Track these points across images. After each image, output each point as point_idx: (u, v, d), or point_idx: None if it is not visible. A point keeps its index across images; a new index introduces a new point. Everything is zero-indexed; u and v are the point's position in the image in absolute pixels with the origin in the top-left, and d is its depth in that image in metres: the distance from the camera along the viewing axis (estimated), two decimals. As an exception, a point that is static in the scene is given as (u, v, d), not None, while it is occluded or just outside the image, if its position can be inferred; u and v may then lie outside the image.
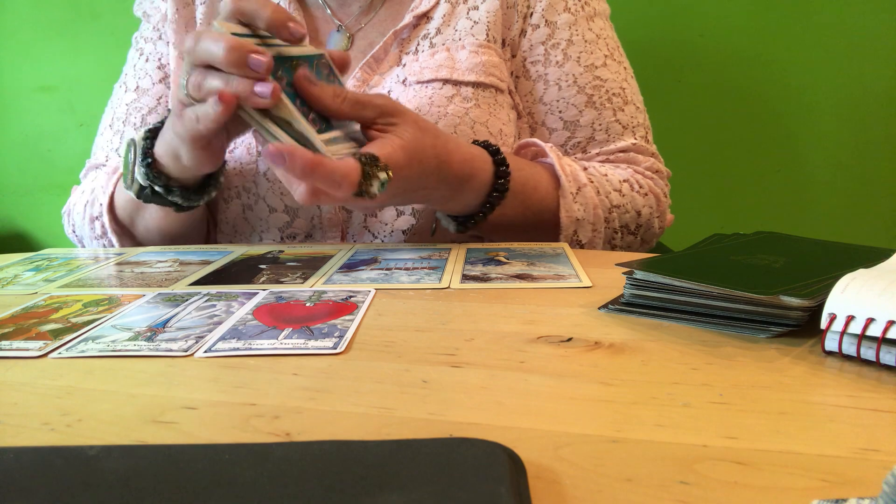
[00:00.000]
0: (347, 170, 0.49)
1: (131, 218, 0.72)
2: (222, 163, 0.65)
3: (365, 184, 0.50)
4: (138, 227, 0.72)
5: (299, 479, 0.24)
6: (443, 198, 0.62)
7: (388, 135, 0.54)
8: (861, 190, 1.23)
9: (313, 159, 0.48)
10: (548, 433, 0.28)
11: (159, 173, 0.62)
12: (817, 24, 1.18)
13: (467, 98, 0.71)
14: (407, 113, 0.56)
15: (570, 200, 0.67)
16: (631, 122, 0.76)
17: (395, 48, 0.73)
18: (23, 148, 1.63)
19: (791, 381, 0.33)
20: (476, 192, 0.63)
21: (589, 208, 0.68)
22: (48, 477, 0.25)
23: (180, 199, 0.64)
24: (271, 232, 0.73)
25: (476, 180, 0.62)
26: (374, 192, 0.50)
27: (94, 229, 0.75)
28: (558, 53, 0.75)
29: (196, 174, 0.63)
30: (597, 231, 0.68)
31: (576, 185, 0.68)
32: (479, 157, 0.63)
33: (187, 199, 0.64)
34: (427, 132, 0.57)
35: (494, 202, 0.64)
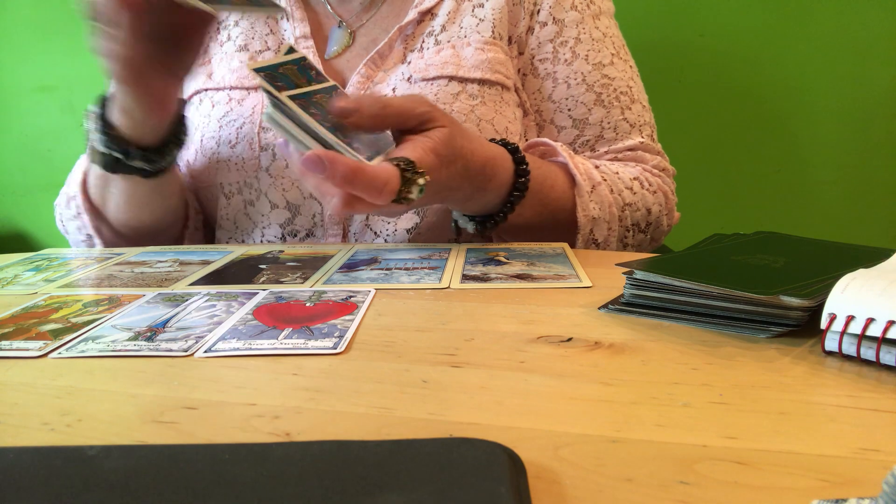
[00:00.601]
0: (388, 176, 0.48)
1: (102, 197, 0.72)
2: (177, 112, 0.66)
3: (404, 190, 0.49)
4: (109, 205, 0.72)
5: (299, 479, 0.24)
6: (464, 197, 0.61)
7: (420, 136, 0.54)
8: (861, 190, 1.23)
9: (355, 165, 0.47)
10: (548, 433, 0.28)
11: (116, 137, 0.62)
12: (818, 24, 1.18)
13: (473, 95, 0.70)
14: (443, 115, 0.56)
15: (586, 199, 0.67)
16: (638, 120, 0.76)
17: (400, 45, 0.73)
18: (23, 148, 1.63)
19: (791, 381, 0.33)
20: (497, 192, 0.62)
21: (604, 206, 0.67)
22: (48, 477, 0.25)
23: (142, 162, 0.64)
24: (272, 228, 0.73)
25: (497, 179, 0.62)
26: (412, 198, 0.49)
27: (70, 208, 0.75)
28: (567, 51, 0.75)
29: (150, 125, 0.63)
30: (612, 230, 0.68)
31: (590, 183, 0.67)
32: (500, 157, 0.62)
33: (150, 162, 0.64)
34: (456, 134, 0.56)
35: (515, 202, 0.63)
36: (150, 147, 0.65)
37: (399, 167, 0.49)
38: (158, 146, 0.65)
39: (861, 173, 1.22)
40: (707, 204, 1.27)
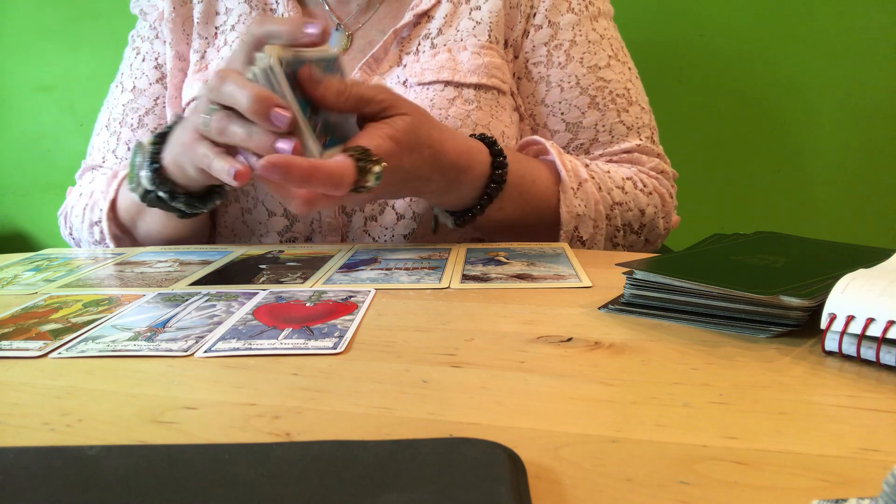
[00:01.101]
0: (343, 168, 0.49)
1: (133, 220, 0.71)
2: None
3: (360, 179, 0.50)
4: (139, 229, 0.72)
5: (299, 479, 0.24)
6: (438, 189, 0.61)
7: (378, 123, 0.54)
8: (861, 190, 1.23)
9: (311, 165, 0.48)
10: (548, 433, 0.28)
11: (165, 180, 0.61)
12: (817, 24, 1.18)
13: (469, 100, 0.70)
14: (405, 103, 0.56)
15: (570, 195, 0.66)
16: (636, 122, 0.75)
17: (395, 48, 0.73)
18: (23, 148, 1.63)
19: (791, 381, 0.33)
20: (473, 185, 0.62)
21: (590, 204, 0.67)
22: (48, 477, 0.25)
23: (184, 207, 0.63)
24: (270, 236, 0.73)
25: (473, 172, 0.61)
26: (370, 186, 0.50)
27: (93, 234, 0.75)
28: (561, 54, 0.74)
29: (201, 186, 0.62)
30: (598, 228, 0.68)
31: (577, 180, 0.67)
32: (475, 149, 0.62)
33: (191, 207, 0.63)
34: (422, 122, 0.56)
35: (492, 194, 0.63)
36: (195, 194, 0.64)
37: (353, 157, 0.49)
38: (202, 195, 0.64)
39: (861, 173, 1.22)
40: (707, 204, 1.27)
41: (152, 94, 0.79)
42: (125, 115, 0.79)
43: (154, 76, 0.79)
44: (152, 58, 0.80)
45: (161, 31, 0.80)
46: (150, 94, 0.79)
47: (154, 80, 0.79)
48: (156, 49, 0.80)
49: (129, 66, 0.82)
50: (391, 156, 0.53)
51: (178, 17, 0.78)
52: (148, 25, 0.81)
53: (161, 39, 0.80)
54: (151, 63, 0.80)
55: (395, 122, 0.54)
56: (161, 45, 0.80)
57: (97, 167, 0.81)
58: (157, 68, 0.80)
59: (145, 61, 0.80)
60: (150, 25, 0.81)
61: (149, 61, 0.80)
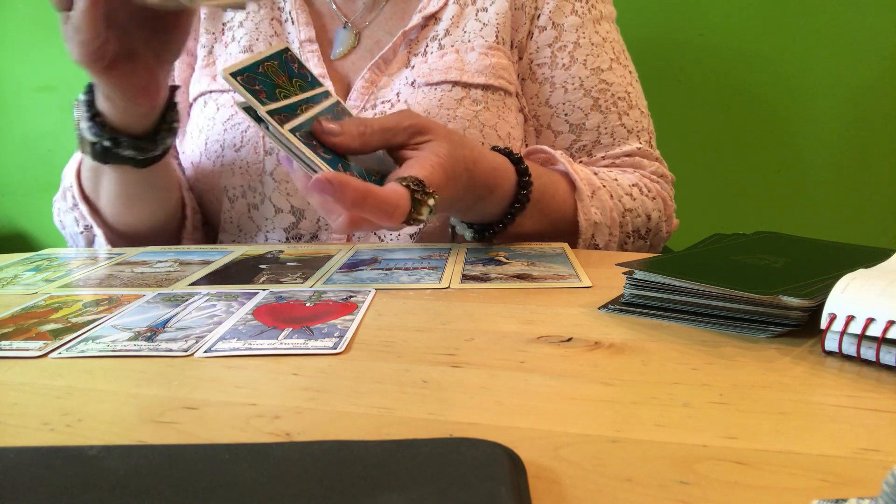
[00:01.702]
0: (398, 199, 0.47)
1: (95, 191, 0.71)
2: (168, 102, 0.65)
3: (414, 211, 0.47)
4: (102, 199, 0.71)
5: (299, 479, 0.24)
6: (465, 207, 0.60)
7: (425, 153, 0.52)
8: (861, 190, 1.23)
9: (364, 189, 0.46)
10: (548, 433, 0.28)
11: (104, 125, 0.62)
12: (817, 24, 1.18)
13: (477, 101, 0.70)
14: (436, 127, 0.54)
15: (587, 203, 0.66)
16: (636, 126, 0.75)
17: (404, 49, 0.73)
18: (23, 148, 1.63)
19: (791, 381, 0.33)
20: (498, 203, 0.61)
21: (605, 211, 0.67)
22: (48, 477, 0.25)
23: (132, 151, 0.63)
24: (276, 232, 0.73)
25: (500, 191, 0.60)
26: (422, 220, 0.48)
27: (67, 200, 0.74)
28: (565, 56, 0.74)
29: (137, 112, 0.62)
30: (612, 235, 0.68)
31: (591, 188, 0.67)
32: (502, 168, 0.61)
33: (140, 150, 0.63)
34: (458, 145, 0.55)
35: (515, 213, 0.62)
36: (141, 135, 0.64)
37: (409, 188, 0.48)
38: (149, 134, 0.64)
39: (861, 173, 1.22)
40: (707, 204, 1.27)
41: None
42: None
43: None
44: None
45: None
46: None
47: None
48: None
49: None
50: (441, 186, 0.51)
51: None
52: None
53: None
54: None
55: (440, 150, 0.52)
56: None
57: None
58: None
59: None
60: None
61: None
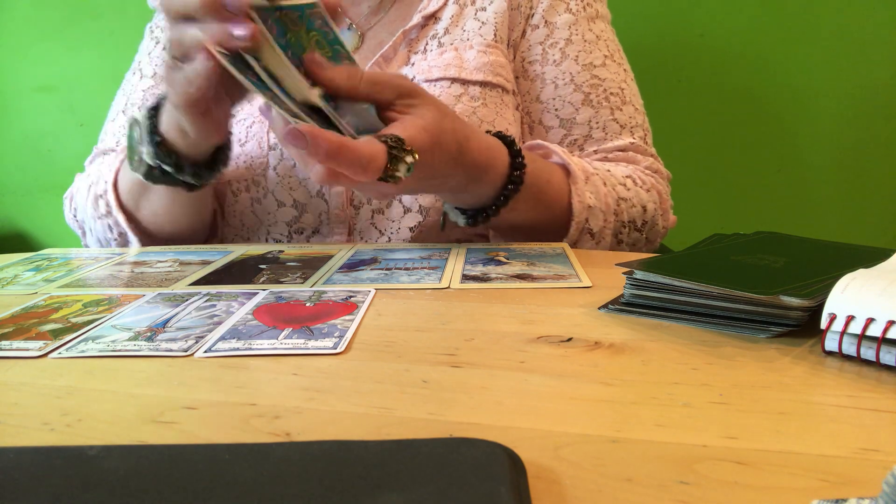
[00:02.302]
0: (373, 153, 0.46)
1: (136, 203, 0.70)
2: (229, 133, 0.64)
3: (391, 167, 0.47)
4: (143, 211, 0.71)
5: (299, 479, 0.24)
6: (458, 186, 0.60)
7: (410, 115, 0.52)
8: (861, 190, 1.23)
9: (338, 141, 0.45)
10: (548, 433, 0.28)
11: (168, 152, 0.60)
12: (817, 24, 1.18)
13: (475, 97, 0.71)
14: (425, 94, 0.54)
15: (581, 186, 0.66)
16: (629, 122, 0.76)
17: (404, 47, 0.74)
18: (23, 148, 1.63)
19: (791, 381, 0.33)
20: (491, 184, 0.61)
21: (600, 196, 0.67)
22: (48, 477, 0.25)
23: (191, 177, 0.62)
24: (279, 226, 0.73)
25: (493, 171, 0.60)
26: (399, 176, 0.47)
27: (98, 208, 0.74)
28: (556, 52, 0.75)
29: (205, 146, 0.61)
30: (607, 221, 0.68)
31: (584, 174, 0.67)
32: (495, 148, 0.61)
33: (198, 177, 0.62)
34: (447, 115, 0.55)
35: (509, 195, 0.61)
36: (200, 162, 0.63)
37: (387, 143, 0.47)
38: (207, 162, 0.64)
39: (861, 173, 1.22)
40: (707, 204, 1.27)
41: None
42: (146, 100, 0.79)
43: None
44: None
45: None
46: None
47: None
48: None
49: (148, 55, 0.82)
50: (425, 150, 0.50)
51: None
52: None
53: None
54: None
55: (425, 113, 0.52)
56: None
57: (109, 151, 0.80)
58: None
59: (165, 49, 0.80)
60: None
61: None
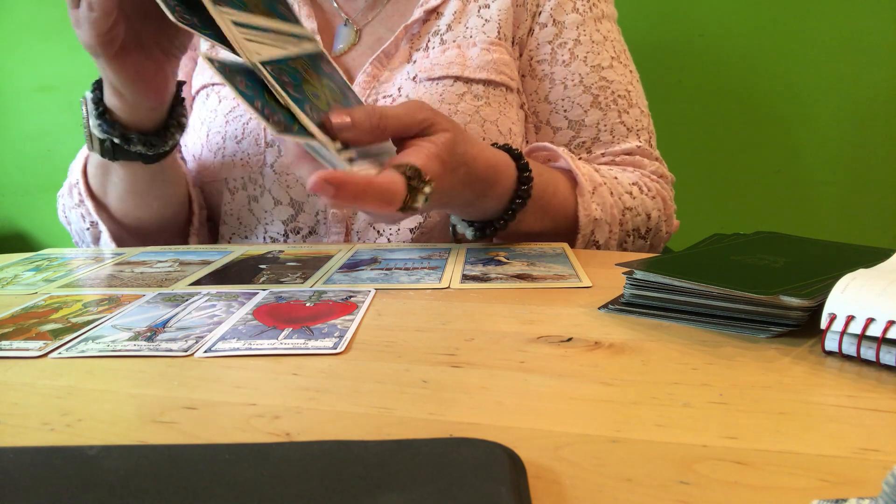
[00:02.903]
0: (395, 188, 0.47)
1: (103, 187, 0.71)
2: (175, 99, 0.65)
3: (410, 199, 0.47)
4: (110, 196, 0.71)
5: (299, 479, 0.24)
6: (465, 203, 0.60)
7: (425, 141, 0.52)
8: (861, 190, 1.23)
9: (365, 182, 0.45)
10: (548, 433, 0.28)
11: (114, 122, 0.61)
12: (817, 25, 1.18)
13: (478, 96, 0.70)
14: (443, 120, 0.54)
15: (588, 199, 0.66)
16: (636, 124, 0.75)
17: (406, 44, 0.73)
18: (23, 148, 1.63)
19: (791, 381, 0.33)
20: (498, 199, 0.61)
21: (606, 208, 0.67)
22: (48, 477, 0.25)
23: (142, 147, 0.63)
24: (276, 225, 0.73)
25: (500, 186, 0.60)
26: (417, 207, 0.48)
27: (73, 197, 0.74)
28: (565, 53, 0.74)
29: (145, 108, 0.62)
30: (612, 232, 0.68)
31: (592, 184, 0.67)
32: (503, 163, 0.61)
33: (150, 146, 0.63)
34: (459, 139, 0.55)
35: (516, 209, 0.62)
36: (150, 131, 0.64)
37: (405, 175, 0.48)
38: (158, 129, 0.64)
39: (861, 173, 1.22)
40: (707, 204, 1.27)
41: None
42: None
43: None
44: None
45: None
46: None
47: None
48: None
49: None
50: (437, 176, 0.51)
51: None
52: None
53: None
54: None
55: (440, 139, 0.52)
56: None
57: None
58: None
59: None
60: None
61: None
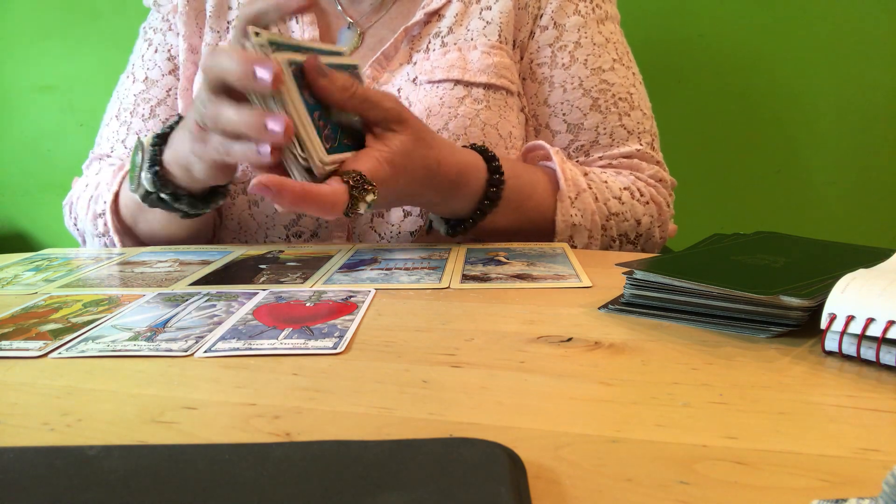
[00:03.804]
0: (335, 196, 0.48)
1: (134, 218, 0.71)
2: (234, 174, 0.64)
3: (351, 207, 0.50)
4: (141, 228, 0.71)
5: (299, 479, 0.24)
6: (430, 202, 0.62)
7: (379, 144, 0.54)
8: (861, 190, 1.23)
9: (302, 190, 0.47)
10: (548, 433, 0.28)
11: (167, 181, 0.60)
12: (817, 25, 1.18)
13: (478, 99, 0.70)
14: (409, 122, 0.55)
15: (567, 205, 0.67)
16: (637, 127, 0.75)
17: (406, 45, 0.73)
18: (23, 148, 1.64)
19: (791, 381, 0.33)
20: (467, 199, 0.62)
21: (587, 214, 0.67)
22: (48, 477, 0.25)
23: (187, 208, 0.62)
24: (276, 229, 0.73)
25: (468, 188, 0.61)
26: (360, 213, 0.50)
27: (97, 227, 0.74)
28: (565, 56, 0.74)
29: (206, 186, 0.62)
30: (593, 238, 0.68)
31: (575, 190, 0.67)
32: (472, 165, 0.62)
33: (194, 207, 0.63)
34: (419, 143, 0.56)
35: (485, 209, 0.63)
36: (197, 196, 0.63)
37: (348, 184, 0.49)
38: (205, 195, 0.64)
39: (861, 173, 1.22)
40: (707, 204, 1.27)
41: (164, 84, 0.79)
42: (136, 105, 0.79)
43: (167, 67, 0.79)
44: (165, 49, 0.80)
45: (174, 23, 0.80)
46: (163, 85, 0.79)
47: (167, 72, 0.79)
48: (168, 41, 0.80)
49: (141, 58, 0.82)
50: (386, 180, 0.52)
51: (192, 10, 0.79)
52: (161, 17, 0.81)
53: (174, 31, 0.80)
54: (164, 54, 0.80)
55: (392, 143, 0.54)
56: (174, 37, 0.80)
57: (104, 157, 0.80)
58: (169, 60, 0.80)
59: (158, 52, 0.80)
60: (163, 17, 0.81)
61: (161, 52, 0.80)
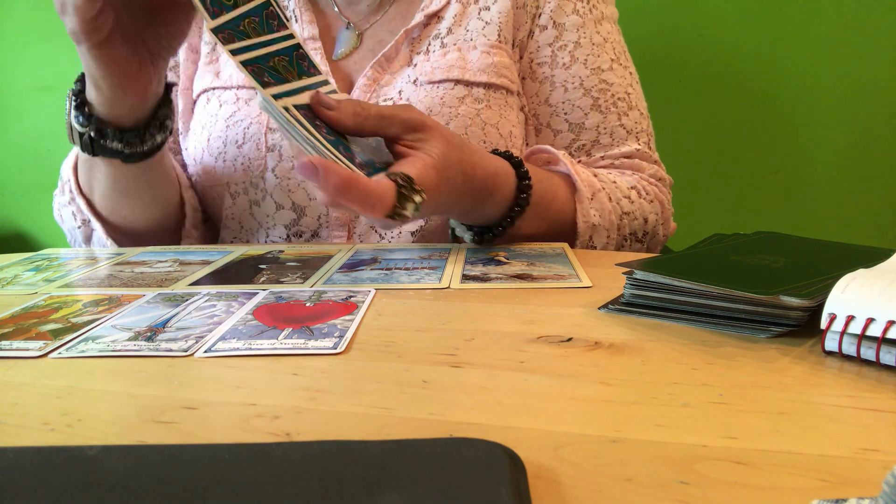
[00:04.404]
0: (383, 192, 0.46)
1: (89, 184, 0.71)
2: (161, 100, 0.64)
3: (399, 206, 0.47)
4: (96, 194, 0.71)
5: (299, 479, 0.24)
6: (463, 211, 0.61)
7: (419, 152, 0.52)
8: (861, 190, 1.23)
9: (348, 177, 0.45)
10: (548, 433, 0.28)
11: (91, 115, 0.62)
12: (817, 24, 1.18)
13: (479, 99, 0.70)
14: (434, 127, 0.54)
15: (586, 205, 0.67)
16: (635, 127, 0.76)
17: (406, 47, 0.73)
18: (23, 148, 1.63)
19: (791, 381, 0.33)
20: (497, 207, 0.62)
21: (604, 214, 0.67)
22: (48, 477, 0.25)
23: (118, 144, 0.63)
24: (277, 229, 0.73)
25: (499, 194, 0.61)
26: (407, 215, 0.48)
27: (65, 194, 0.74)
28: (565, 55, 0.74)
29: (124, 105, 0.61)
30: (610, 237, 0.68)
31: (591, 190, 0.67)
32: (502, 171, 0.61)
33: (127, 144, 0.63)
34: (454, 147, 0.55)
35: (515, 216, 0.62)
36: (128, 129, 0.63)
37: (396, 183, 0.48)
38: (138, 128, 0.64)
39: (861, 173, 1.22)
40: (707, 204, 1.27)
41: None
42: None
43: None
44: None
45: None
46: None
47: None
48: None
49: None
50: (432, 188, 0.51)
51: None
52: None
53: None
54: None
55: (433, 149, 0.52)
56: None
57: None
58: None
59: None
60: None
61: None
